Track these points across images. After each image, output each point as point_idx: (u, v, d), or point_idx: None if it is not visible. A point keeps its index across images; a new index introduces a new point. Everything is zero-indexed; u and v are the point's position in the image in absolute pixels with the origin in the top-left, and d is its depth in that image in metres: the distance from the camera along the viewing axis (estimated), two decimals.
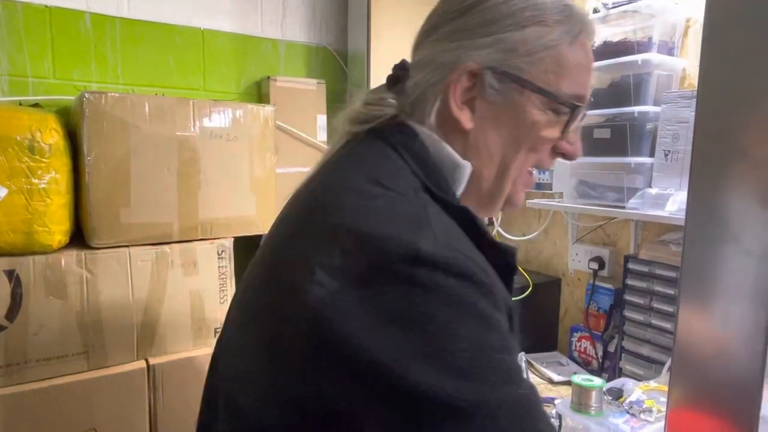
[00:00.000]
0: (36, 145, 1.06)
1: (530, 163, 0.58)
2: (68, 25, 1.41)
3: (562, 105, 0.55)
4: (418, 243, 0.42)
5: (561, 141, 0.58)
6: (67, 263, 1.12)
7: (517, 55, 0.53)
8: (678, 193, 1.16)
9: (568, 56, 0.54)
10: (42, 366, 1.11)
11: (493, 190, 0.58)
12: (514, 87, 0.54)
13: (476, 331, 0.41)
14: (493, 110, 0.55)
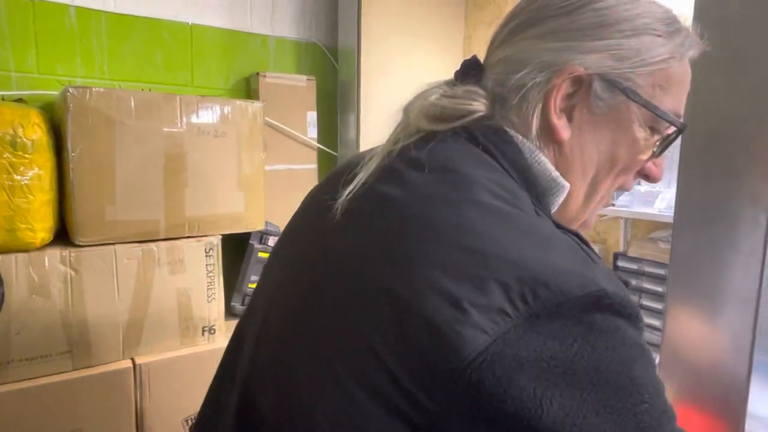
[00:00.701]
0: (18, 140, 1.04)
1: (618, 183, 0.52)
2: (53, 18, 1.38)
3: (666, 123, 0.49)
4: (600, 282, 0.37)
5: (650, 161, 0.52)
6: (51, 261, 1.10)
7: (629, 64, 0.48)
8: (667, 190, 1.17)
9: (676, 72, 0.50)
10: (25, 366, 1.09)
11: (579, 210, 0.52)
12: (622, 99, 0.48)
13: (651, 376, 0.39)
14: (595, 122, 0.49)
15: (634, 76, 0.48)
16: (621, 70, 0.48)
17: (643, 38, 0.48)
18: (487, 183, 0.43)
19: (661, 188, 1.18)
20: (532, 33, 0.50)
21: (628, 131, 0.49)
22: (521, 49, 0.50)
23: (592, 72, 0.47)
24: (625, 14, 0.48)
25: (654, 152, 0.51)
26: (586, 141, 0.50)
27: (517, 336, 0.35)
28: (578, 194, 0.52)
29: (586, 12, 0.48)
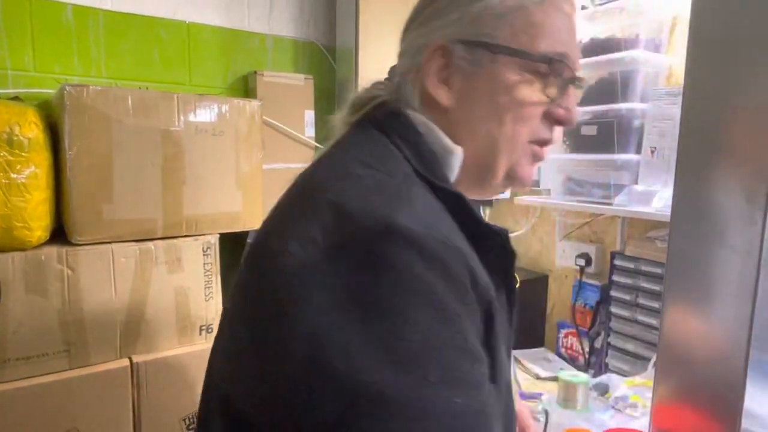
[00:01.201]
0: (15, 138, 1.04)
1: (524, 135, 0.55)
2: (49, 16, 1.38)
3: (540, 63, 0.53)
4: (394, 216, 0.41)
5: (553, 107, 0.55)
6: (48, 260, 1.10)
7: (483, 23, 0.53)
8: (664, 190, 1.17)
9: (539, 15, 0.53)
10: (22, 365, 1.09)
11: (483, 168, 0.56)
12: (485, 54, 0.53)
13: (432, 323, 0.39)
14: (470, 83, 0.54)
15: (491, 30, 0.52)
16: (478, 30, 0.53)
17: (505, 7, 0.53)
18: (361, 157, 0.50)
19: (658, 188, 1.19)
20: (413, 26, 0.58)
21: (501, 80, 0.53)
22: (407, 40, 0.59)
23: (452, 40, 0.53)
24: None
25: (549, 96, 0.54)
26: (467, 102, 0.54)
27: (318, 264, 0.41)
28: (475, 152, 0.55)
29: None
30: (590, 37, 1.34)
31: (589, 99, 1.35)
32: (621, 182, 1.28)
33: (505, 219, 1.79)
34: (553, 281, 1.64)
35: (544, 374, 1.40)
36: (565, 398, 0.99)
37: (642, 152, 1.24)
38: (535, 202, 1.52)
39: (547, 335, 1.64)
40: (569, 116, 0.56)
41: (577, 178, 1.40)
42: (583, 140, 1.35)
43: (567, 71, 0.55)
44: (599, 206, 1.31)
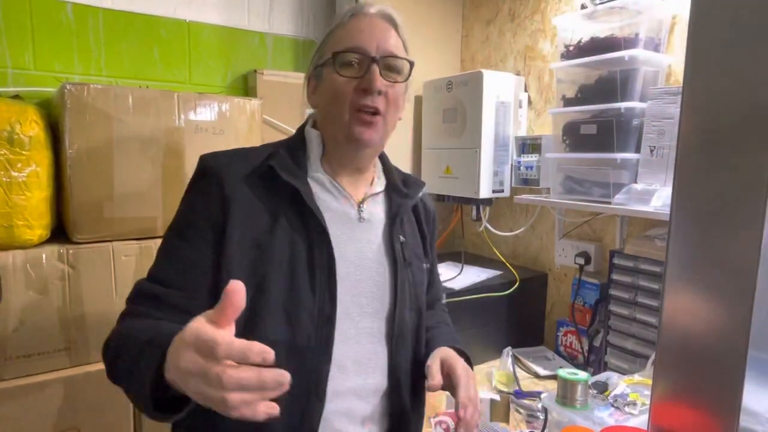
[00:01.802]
0: (15, 137, 1.04)
1: (344, 108, 0.79)
2: (49, 15, 1.38)
3: (331, 57, 0.80)
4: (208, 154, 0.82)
5: (359, 80, 0.79)
6: (48, 258, 1.10)
7: (320, 54, 0.84)
8: (663, 188, 1.18)
9: (339, 34, 0.82)
10: (22, 362, 1.09)
11: (335, 138, 0.83)
12: (321, 68, 0.83)
13: (182, 203, 0.80)
14: (320, 87, 0.84)
15: (323, 56, 0.83)
16: (318, 59, 0.84)
17: (325, 39, 0.85)
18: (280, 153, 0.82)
19: (657, 186, 1.19)
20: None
21: (328, 80, 0.81)
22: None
23: (310, 72, 0.87)
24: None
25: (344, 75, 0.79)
26: (320, 97, 0.84)
27: None
28: (329, 128, 0.83)
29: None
30: (590, 36, 1.34)
31: (588, 98, 1.35)
32: (620, 181, 1.28)
33: (505, 218, 1.79)
34: (553, 280, 1.64)
35: (543, 372, 1.40)
36: (565, 396, 0.99)
37: (641, 151, 1.24)
38: (534, 201, 1.53)
39: (547, 334, 1.64)
40: (369, 84, 0.78)
41: (576, 177, 1.40)
42: (582, 139, 1.35)
43: (358, 56, 0.79)
44: (598, 205, 1.32)
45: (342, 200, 0.83)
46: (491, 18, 1.80)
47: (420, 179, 0.95)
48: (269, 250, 0.73)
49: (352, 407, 0.78)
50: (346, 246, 0.80)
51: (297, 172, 0.79)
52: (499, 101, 1.59)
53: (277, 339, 0.70)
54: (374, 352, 0.80)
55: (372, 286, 0.81)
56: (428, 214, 0.98)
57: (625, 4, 1.24)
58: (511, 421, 1.16)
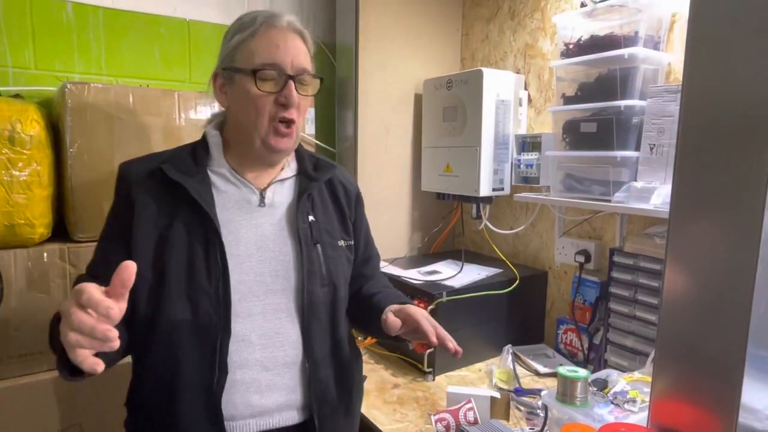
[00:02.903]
0: (16, 136, 1.04)
1: (262, 119, 0.86)
2: (50, 14, 1.38)
3: (251, 72, 0.85)
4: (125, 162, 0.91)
5: (278, 95, 0.86)
6: (50, 257, 1.10)
7: (230, 55, 0.88)
8: (663, 186, 1.18)
9: (253, 44, 0.86)
10: (25, 361, 1.10)
11: (250, 142, 0.89)
12: (234, 74, 0.88)
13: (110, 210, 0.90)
14: (232, 91, 0.89)
15: (234, 58, 0.88)
16: (228, 61, 0.89)
17: (234, 38, 0.88)
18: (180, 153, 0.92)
19: (657, 184, 1.19)
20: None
21: (244, 88, 0.86)
22: None
23: (219, 68, 0.91)
24: (227, 34, 0.92)
25: (265, 90, 0.85)
26: (234, 102, 0.90)
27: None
28: (242, 131, 0.90)
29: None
30: (590, 35, 1.34)
31: (588, 96, 1.35)
32: (620, 179, 1.28)
33: (505, 216, 1.80)
34: (553, 278, 1.64)
35: (543, 370, 1.41)
36: (565, 394, 0.99)
37: (641, 149, 1.24)
38: (534, 199, 1.53)
39: (547, 331, 1.65)
40: (287, 100, 0.86)
41: (576, 175, 1.40)
42: (582, 137, 1.35)
43: (277, 73, 0.85)
44: (598, 203, 1.32)
45: (243, 188, 0.91)
46: (491, 16, 1.80)
47: (332, 162, 1.03)
48: (168, 243, 0.83)
49: (258, 378, 0.85)
50: (246, 230, 0.88)
51: (192, 169, 0.88)
52: (499, 99, 1.59)
53: (180, 318, 0.80)
54: (281, 327, 0.87)
55: (276, 265, 0.88)
56: (348, 194, 1.03)
57: (625, 2, 1.24)
58: (511, 419, 1.16)
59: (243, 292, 0.85)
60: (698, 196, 0.72)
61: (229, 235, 0.86)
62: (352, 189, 1.05)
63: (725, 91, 0.69)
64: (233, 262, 0.85)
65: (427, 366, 1.38)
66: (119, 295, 0.60)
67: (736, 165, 0.68)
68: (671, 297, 0.76)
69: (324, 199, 0.99)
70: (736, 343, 0.68)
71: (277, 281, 0.88)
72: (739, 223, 0.67)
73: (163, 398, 0.82)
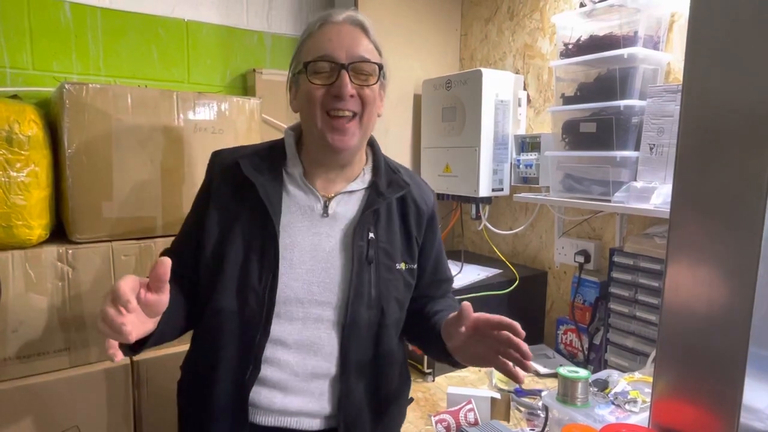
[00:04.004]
0: (14, 137, 1.03)
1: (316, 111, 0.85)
2: (47, 14, 1.38)
3: (303, 65, 0.86)
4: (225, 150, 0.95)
5: (330, 87, 0.85)
6: (48, 258, 1.10)
7: (296, 62, 0.90)
8: (663, 186, 1.18)
9: (310, 43, 0.88)
10: (22, 363, 1.09)
11: (310, 140, 0.91)
12: (297, 76, 0.89)
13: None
14: (298, 93, 0.90)
15: (299, 64, 0.88)
16: (295, 67, 0.90)
17: (299, 46, 0.90)
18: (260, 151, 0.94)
19: (656, 184, 1.19)
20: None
21: (303, 86, 0.88)
22: None
23: (288, 77, 0.94)
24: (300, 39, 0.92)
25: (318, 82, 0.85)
26: (298, 102, 0.91)
27: None
28: (305, 129, 0.92)
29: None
30: (589, 35, 1.34)
31: (587, 96, 1.35)
32: (620, 179, 1.28)
33: (504, 216, 1.79)
34: (552, 278, 1.64)
35: (543, 371, 1.40)
36: (565, 394, 0.99)
37: (641, 149, 1.24)
38: (534, 200, 1.53)
39: (547, 332, 1.65)
40: (339, 90, 0.84)
41: (576, 175, 1.40)
42: (581, 137, 1.35)
43: (327, 64, 0.84)
44: (598, 203, 1.32)
45: (310, 195, 0.90)
46: (490, 16, 1.80)
47: (407, 180, 0.96)
48: (231, 236, 0.85)
49: (285, 379, 0.85)
50: (303, 236, 0.88)
51: (266, 167, 0.89)
52: (499, 100, 1.59)
53: (227, 309, 0.83)
54: (319, 337, 0.86)
55: (325, 277, 0.87)
56: (420, 214, 0.97)
57: (624, 2, 1.24)
58: (512, 419, 1.16)
59: (288, 296, 0.85)
60: (699, 195, 0.72)
61: (287, 239, 0.86)
62: (426, 209, 0.99)
63: (725, 91, 0.69)
64: (285, 265, 0.85)
65: (427, 367, 1.38)
66: (157, 288, 0.67)
67: (737, 164, 0.68)
68: (672, 297, 0.76)
69: (391, 217, 0.94)
70: (737, 343, 0.68)
71: (323, 293, 0.87)
72: (740, 223, 0.67)
73: (202, 377, 0.86)
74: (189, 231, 0.93)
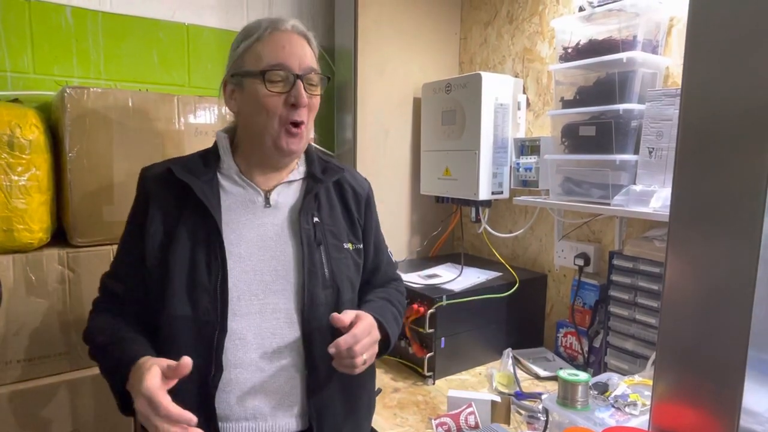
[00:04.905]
0: (15, 141, 1.04)
1: (273, 121, 0.88)
2: (48, 18, 1.38)
3: (260, 73, 0.87)
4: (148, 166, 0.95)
5: (286, 95, 0.88)
6: (49, 262, 1.10)
7: (237, 62, 0.91)
8: (662, 189, 1.18)
9: (259, 48, 0.88)
10: (23, 367, 1.09)
11: (260, 145, 0.91)
12: (242, 79, 0.90)
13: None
14: (242, 96, 0.91)
15: (241, 65, 0.90)
16: (235, 67, 0.91)
17: (241, 45, 0.90)
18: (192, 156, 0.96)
19: (656, 187, 1.19)
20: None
21: (253, 91, 0.88)
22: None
23: (228, 74, 0.93)
24: (234, 42, 0.93)
25: (275, 91, 0.87)
26: (243, 105, 0.91)
27: None
28: (255, 134, 0.91)
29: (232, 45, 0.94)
30: (588, 39, 1.35)
31: (587, 100, 1.35)
32: (619, 182, 1.28)
33: (504, 219, 1.80)
34: (552, 281, 1.64)
35: (543, 374, 1.40)
36: (565, 397, 0.99)
37: (640, 152, 1.24)
38: (533, 203, 1.53)
39: (547, 335, 1.65)
40: (296, 100, 0.87)
41: (575, 179, 1.40)
42: (581, 141, 1.36)
43: (284, 73, 0.87)
44: (597, 206, 1.32)
45: (249, 190, 0.93)
46: (489, 20, 1.81)
47: (340, 165, 1.02)
48: (174, 240, 0.86)
49: (252, 378, 0.85)
50: (248, 230, 0.89)
51: (201, 170, 0.91)
52: (498, 103, 1.59)
53: (181, 314, 0.83)
54: (278, 327, 0.87)
55: (276, 265, 0.89)
56: (357, 196, 1.02)
57: (623, 7, 1.25)
58: (512, 423, 1.16)
59: (242, 290, 0.86)
60: (698, 198, 0.73)
61: (231, 234, 0.87)
62: (362, 191, 1.04)
63: (724, 95, 0.69)
64: (233, 260, 0.86)
65: (427, 370, 1.38)
66: (171, 381, 0.73)
67: (736, 167, 0.68)
68: (672, 300, 0.76)
69: (331, 201, 0.98)
70: (737, 346, 0.68)
71: (276, 281, 0.88)
72: (739, 226, 0.68)
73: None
74: (128, 249, 0.91)
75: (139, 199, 0.93)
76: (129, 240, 0.92)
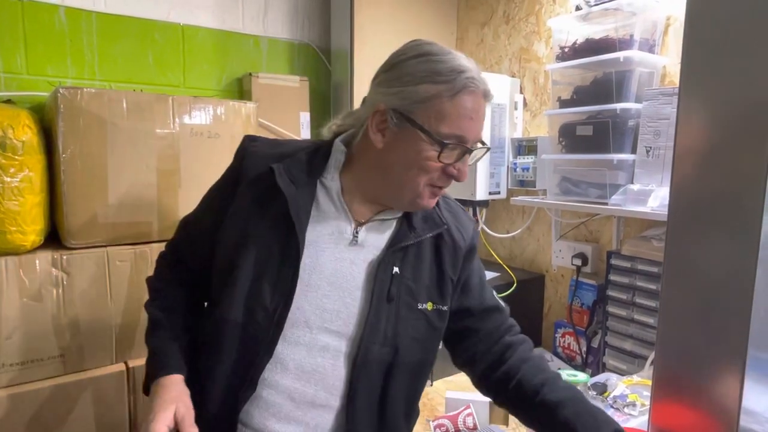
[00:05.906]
0: (8, 142, 1.03)
1: (422, 180, 0.79)
2: (42, 19, 1.37)
3: (438, 142, 0.76)
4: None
5: (450, 166, 0.79)
6: (42, 264, 1.09)
7: (410, 102, 0.76)
8: (659, 188, 1.18)
9: (446, 106, 0.76)
10: (16, 370, 1.08)
11: (393, 192, 0.82)
12: (407, 124, 0.77)
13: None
14: (396, 138, 0.79)
15: (415, 109, 0.76)
16: (406, 106, 0.77)
17: (422, 86, 0.76)
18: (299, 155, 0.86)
19: (653, 187, 1.19)
20: (374, 83, 0.83)
21: (416, 145, 0.77)
22: (369, 93, 0.84)
23: (389, 107, 0.78)
24: (413, 70, 0.77)
25: (444, 161, 0.77)
26: (391, 149, 0.79)
27: None
28: (389, 181, 0.81)
29: (394, 70, 0.80)
30: (585, 38, 1.34)
31: (584, 99, 1.35)
32: (616, 182, 1.28)
33: (501, 220, 1.79)
34: (550, 281, 1.64)
35: None
36: None
37: (637, 152, 1.24)
38: (531, 203, 1.53)
39: (544, 335, 1.64)
40: (459, 175, 0.80)
41: (572, 179, 1.40)
42: (578, 140, 1.35)
43: (460, 148, 0.78)
44: (595, 206, 1.32)
45: (341, 214, 0.84)
46: (486, 20, 1.81)
47: (443, 219, 0.89)
48: (250, 242, 0.81)
49: (281, 404, 0.81)
50: (326, 259, 0.82)
51: (302, 178, 0.83)
52: (495, 103, 1.59)
53: (233, 321, 0.80)
54: (323, 366, 0.81)
55: (340, 306, 0.82)
56: (456, 252, 0.90)
57: (620, 6, 1.24)
58: (510, 424, 1.15)
59: (298, 318, 0.81)
60: (696, 198, 0.72)
61: (308, 259, 0.81)
62: (463, 245, 0.91)
63: (721, 94, 0.69)
64: (301, 287, 0.80)
65: None
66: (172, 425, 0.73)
67: (734, 166, 0.68)
68: (670, 299, 0.76)
69: (421, 253, 0.87)
70: (736, 346, 0.68)
71: (334, 322, 0.82)
72: (737, 225, 0.67)
73: (196, 384, 0.82)
74: (199, 227, 0.89)
75: (231, 176, 0.87)
76: (201, 219, 0.90)
